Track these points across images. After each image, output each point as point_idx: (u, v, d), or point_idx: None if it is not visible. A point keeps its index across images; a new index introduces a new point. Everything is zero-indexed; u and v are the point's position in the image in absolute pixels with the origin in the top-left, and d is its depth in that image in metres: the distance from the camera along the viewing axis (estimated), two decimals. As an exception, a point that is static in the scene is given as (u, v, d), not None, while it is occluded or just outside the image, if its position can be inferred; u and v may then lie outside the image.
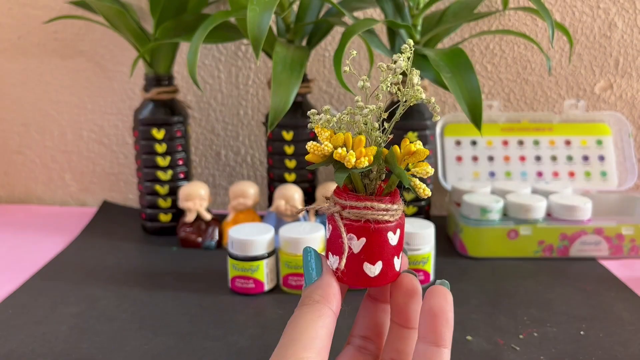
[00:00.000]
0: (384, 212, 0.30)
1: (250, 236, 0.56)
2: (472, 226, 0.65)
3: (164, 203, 0.73)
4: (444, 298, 0.29)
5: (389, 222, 0.30)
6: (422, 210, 0.72)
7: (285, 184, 0.71)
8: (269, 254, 0.57)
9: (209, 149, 0.88)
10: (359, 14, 0.80)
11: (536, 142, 0.80)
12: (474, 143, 0.81)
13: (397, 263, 0.31)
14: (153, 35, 0.68)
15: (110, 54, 0.85)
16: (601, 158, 0.79)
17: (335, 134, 0.30)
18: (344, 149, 0.29)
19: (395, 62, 0.30)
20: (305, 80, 0.71)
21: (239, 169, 0.88)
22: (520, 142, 0.81)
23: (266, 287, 0.57)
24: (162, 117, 0.71)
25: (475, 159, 0.80)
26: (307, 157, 0.30)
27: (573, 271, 0.62)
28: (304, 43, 0.72)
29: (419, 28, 0.67)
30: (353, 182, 0.31)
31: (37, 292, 0.57)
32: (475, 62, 0.82)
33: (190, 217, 0.69)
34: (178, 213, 0.74)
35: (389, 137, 0.31)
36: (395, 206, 0.30)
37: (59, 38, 0.85)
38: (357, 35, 0.57)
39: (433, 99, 0.33)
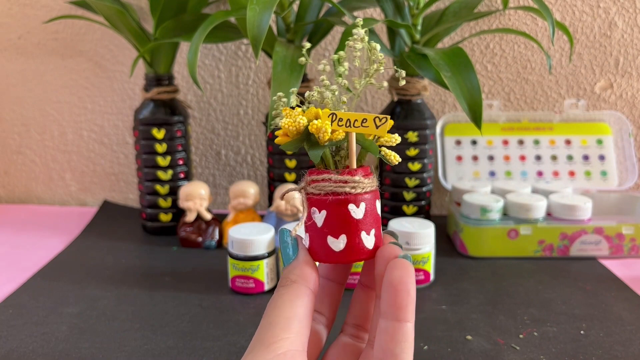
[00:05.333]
0: (343, 184, 0.30)
1: (250, 236, 0.56)
2: (472, 226, 0.65)
3: (164, 203, 0.73)
4: (405, 270, 0.28)
5: (349, 194, 0.30)
6: (422, 209, 0.72)
7: (285, 184, 0.71)
8: (269, 254, 0.57)
9: (209, 148, 0.88)
10: (359, 14, 0.80)
11: (536, 142, 0.80)
12: (474, 142, 0.81)
13: (368, 240, 0.31)
14: (153, 35, 0.68)
15: (111, 53, 0.85)
16: (601, 157, 0.79)
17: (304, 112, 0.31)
18: (319, 121, 0.29)
19: (353, 39, 0.31)
20: (305, 79, 0.71)
21: (239, 168, 0.88)
22: (521, 142, 0.81)
23: (266, 287, 0.57)
24: (163, 116, 0.71)
25: (475, 158, 0.80)
26: (277, 140, 0.31)
27: (573, 271, 0.62)
28: (304, 43, 0.71)
29: (419, 27, 0.67)
30: (325, 160, 0.31)
31: (37, 292, 0.57)
32: (476, 62, 0.82)
33: (190, 217, 0.69)
34: (178, 213, 0.74)
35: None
36: (356, 178, 0.30)
37: (59, 38, 0.85)
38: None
39: (397, 69, 0.33)
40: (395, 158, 0.32)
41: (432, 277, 0.59)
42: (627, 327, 0.50)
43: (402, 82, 0.33)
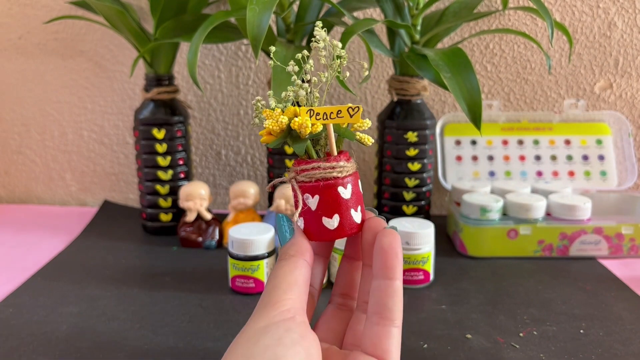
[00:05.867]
0: (331, 170, 0.33)
1: (250, 236, 0.56)
2: (472, 226, 0.66)
3: (164, 203, 0.73)
4: (393, 237, 0.33)
5: (337, 177, 0.33)
6: (422, 209, 0.72)
7: (285, 184, 0.71)
8: (269, 254, 0.57)
9: (209, 148, 0.88)
10: (358, 14, 0.80)
11: (536, 142, 0.80)
12: (473, 143, 0.81)
13: (356, 215, 0.34)
14: (153, 35, 0.68)
15: (111, 54, 0.85)
16: (601, 157, 0.79)
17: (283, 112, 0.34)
18: (300, 117, 0.33)
19: (317, 41, 0.34)
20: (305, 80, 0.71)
21: (239, 168, 0.88)
22: (520, 142, 0.81)
23: (266, 287, 0.57)
24: (163, 117, 0.71)
25: (475, 158, 0.80)
26: (262, 140, 0.34)
27: (573, 270, 0.62)
28: (303, 43, 0.72)
29: (419, 28, 0.67)
30: (307, 151, 0.34)
31: (37, 292, 0.57)
32: (475, 62, 0.82)
33: (190, 217, 0.69)
34: (178, 213, 0.74)
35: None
36: (341, 163, 0.34)
37: (60, 38, 0.85)
38: (356, 35, 0.57)
39: (362, 62, 0.37)
40: (369, 140, 0.35)
41: (431, 277, 0.59)
42: (626, 326, 0.50)
43: (366, 73, 0.37)
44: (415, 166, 0.70)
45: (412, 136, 0.69)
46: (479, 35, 0.70)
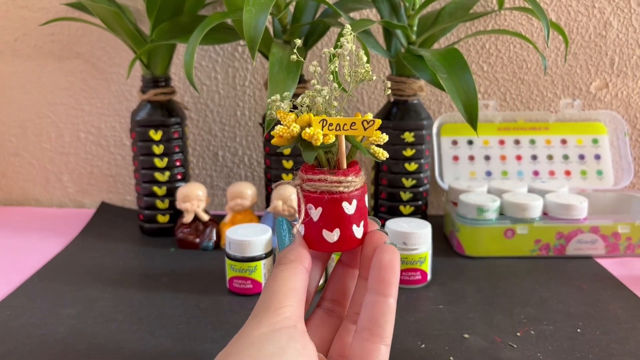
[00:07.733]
0: (337, 184, 0.32)
1: (247, 237, 0.56)
2: (468, 225, 0.66)
3: (161, 204, 0.73)
4: (393, 254, 0.33)
5: (343, 192, 0.32)
6: (419, 209, 0.72)
7: (283, 185, 0.71)
8: (267, 255, 0.57)
9: (206, 150, 0.88)
10: (354, 15, 0.80)
11: (532, 142, 0.81)
12: (470, 143, 0.81)
13: (358, 231, 0.34)
14: (150, 36, 0.68)
15: (107, 55, 0.85)
16: (597, 157, 0.79)
17: (297, 117, 0.33)
18: (312, 128, 0.31)
19: (341, 47, 0.33)
20: (301, 81, 0.71)
21: (237, 169, 0.88)
22: (517, 142, 0.81)
23: (264, 288, 0.57)
24: (160, 118, 0.71)
25: (471, 158, 0.80)
26: (273, 141, 0.33)
27: (569, 270, 0.63)
28: (296, 41, 0.72)
29: (415, 28, 0.67)
30: (318, 158, 0.33)
31: (35, 294, 0.57)
32: (471, 62, 0.82)
33: (187, 218, 0.69)
34: (176, 214, 0.74)
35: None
36: (349, 178, 0.33)
37: (56, 40, 0.85)
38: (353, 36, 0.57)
39: (384, 79, 0.36)
40: (383, 155, 0.34)
41: (429, 277, 0.59)
42: (623, 325, 0.50)
43: (388, 92, 0.35)
44: (412, 166, 0.70)
45: (408, 136, 0.69)
46: (475, 35, 0.70)
